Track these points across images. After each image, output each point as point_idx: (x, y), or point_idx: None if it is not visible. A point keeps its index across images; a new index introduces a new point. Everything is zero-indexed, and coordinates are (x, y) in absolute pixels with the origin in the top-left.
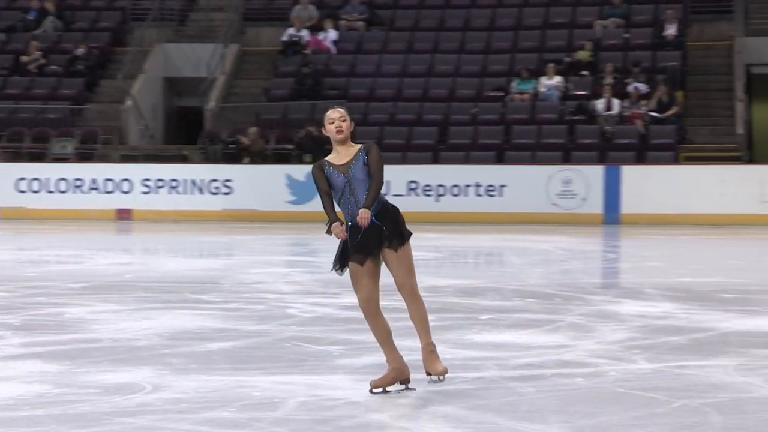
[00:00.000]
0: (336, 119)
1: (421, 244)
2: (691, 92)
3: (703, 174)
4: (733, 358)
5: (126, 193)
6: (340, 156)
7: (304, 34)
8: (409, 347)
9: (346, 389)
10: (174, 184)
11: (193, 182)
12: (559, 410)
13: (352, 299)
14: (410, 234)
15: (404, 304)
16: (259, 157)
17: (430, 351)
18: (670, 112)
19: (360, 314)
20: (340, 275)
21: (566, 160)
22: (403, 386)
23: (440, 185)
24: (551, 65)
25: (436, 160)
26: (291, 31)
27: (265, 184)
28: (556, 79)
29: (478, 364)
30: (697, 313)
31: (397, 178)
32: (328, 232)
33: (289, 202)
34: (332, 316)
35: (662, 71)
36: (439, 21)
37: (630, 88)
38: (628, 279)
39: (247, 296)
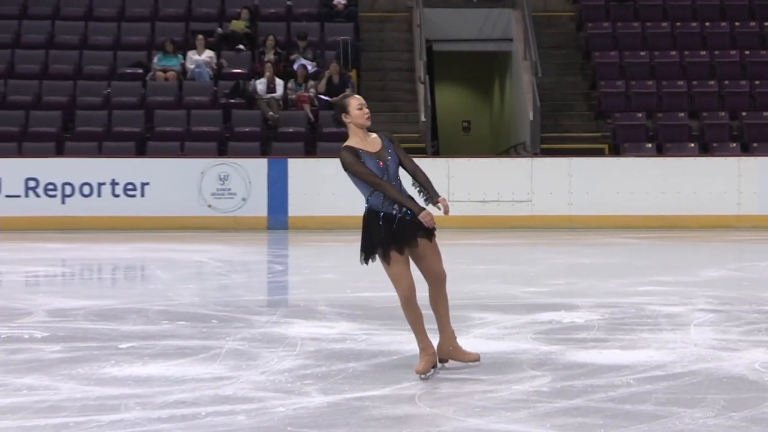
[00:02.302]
0: (363, 105)
1: (44, 257)
2: (366, 72)
3: None
4: (421, 386)
5: None
6: (366, 143)
7: None
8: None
9: None
10: None
11: None
12: None
13: None
14: None
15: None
16: None
17: (455, 338)
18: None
19: None
20: (366, 265)
21: (222, 152)
22: (432, 369)
23: (67, 183)
24: (201, 37)
25: (60, 152)
26: None
27: None
28: (207, 54)
29: (118, 403)
30: (379, 333)
31: (11, 174)
32: (383, 223)
33: None
34: None
35: (332, 46)
36: None
37: (296, 66)
38: (299, 295)
39: None
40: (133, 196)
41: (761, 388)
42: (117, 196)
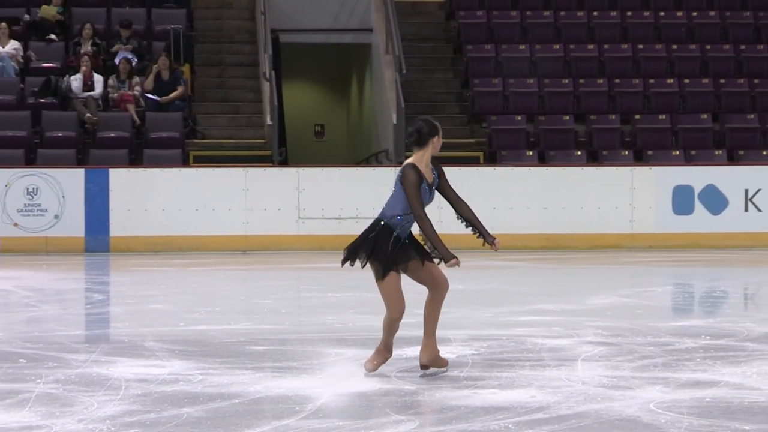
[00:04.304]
0: None
1: None
2: (201, 67)
3: (223, 180)
4: None
5: None
6: (427, 171)
7: None
8: None
9: None
10: None
11: None
12: None
13: None
14: None
15: None
16: None
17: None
18: (174, 95)
19: None
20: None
21: (30, 161)
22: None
23: None
24: (4, 25)
25: None
26: None
27: None
28: (12, 45)
29: None
30: (218, 373)
31: None
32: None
33: None
34: None
35: (161, 37)
36: None
37: (118, 60)
38: (123, 329)
39: None
40: None
41: None
42: None
